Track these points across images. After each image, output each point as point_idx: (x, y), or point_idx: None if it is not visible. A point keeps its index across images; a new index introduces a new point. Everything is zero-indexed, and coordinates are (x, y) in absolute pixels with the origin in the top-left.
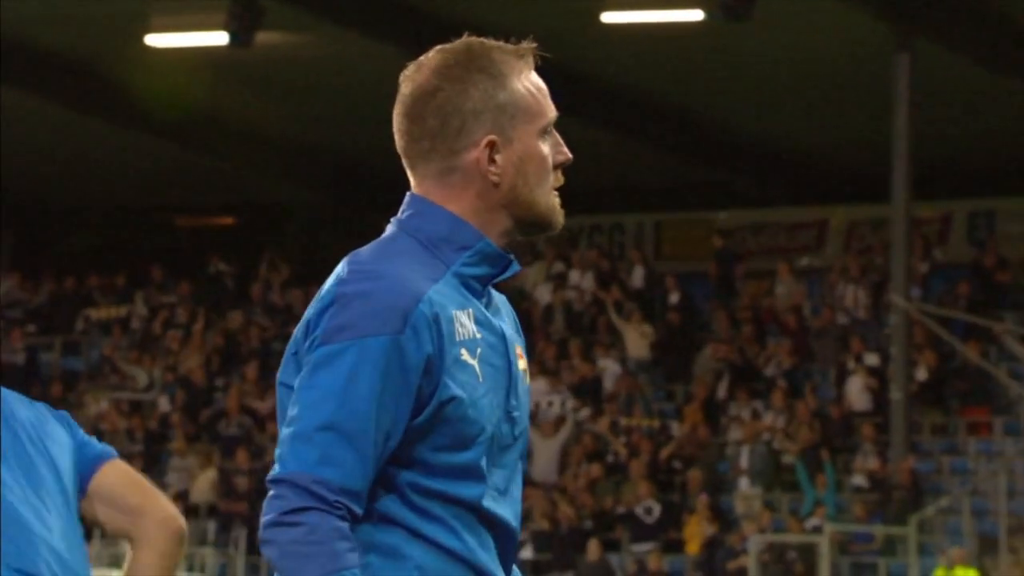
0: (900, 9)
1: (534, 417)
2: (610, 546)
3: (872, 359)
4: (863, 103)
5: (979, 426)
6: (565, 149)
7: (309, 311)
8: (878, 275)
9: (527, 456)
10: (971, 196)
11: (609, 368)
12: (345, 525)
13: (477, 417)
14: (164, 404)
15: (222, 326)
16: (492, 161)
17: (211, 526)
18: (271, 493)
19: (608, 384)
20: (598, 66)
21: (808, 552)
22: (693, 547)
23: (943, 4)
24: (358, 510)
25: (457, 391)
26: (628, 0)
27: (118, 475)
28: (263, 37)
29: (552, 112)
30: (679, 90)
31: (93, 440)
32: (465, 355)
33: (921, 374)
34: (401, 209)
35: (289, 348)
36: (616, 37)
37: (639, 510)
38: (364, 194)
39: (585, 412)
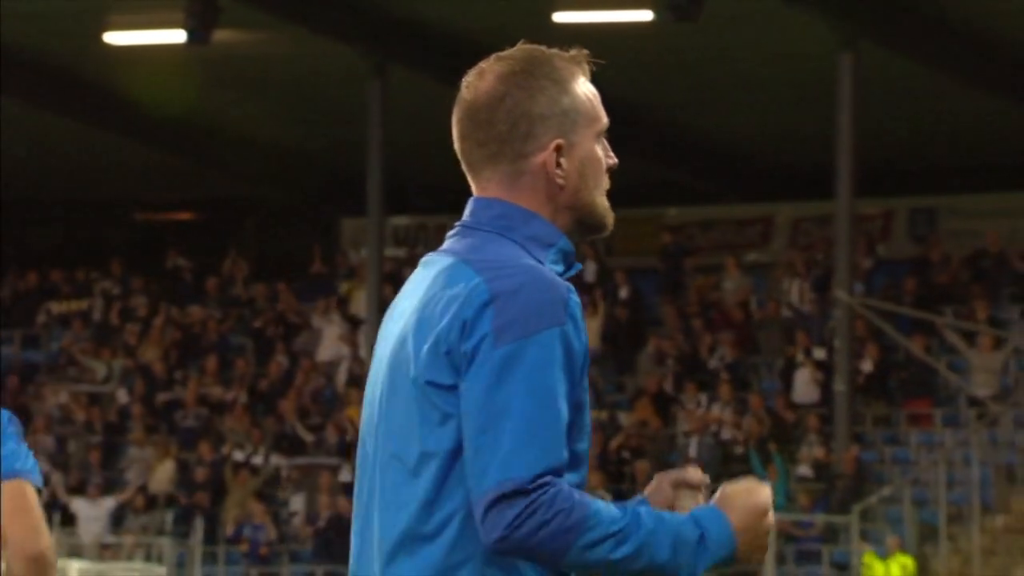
0: (844, 10)
1: None
2: None
3: (820, 353)
4: (808, 102)
5: (920, 418)
6: (612, 154)
7: (457, 310)
8: (822, 270)
9: None
10: (913, 194)
11: None
12: (575, 495)
13: (587, 405)
14: (123, 396)
15: (180, 319)
16: (558, 164)
17: (169, 516)
18: (509, 505)
19: None
20: None
21: None
22: None
23: (886, 6)
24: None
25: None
26: (579, 0)
27: (8, 496)
28: (221, 35)
29: (605, 118)
30: (629, 89)
31: (20, 454)
32: None
33: (866, 366)
34: (470, 212)
35: (434, 347)
36: (567, 36)
37: None
38: (321, 189)
39: None
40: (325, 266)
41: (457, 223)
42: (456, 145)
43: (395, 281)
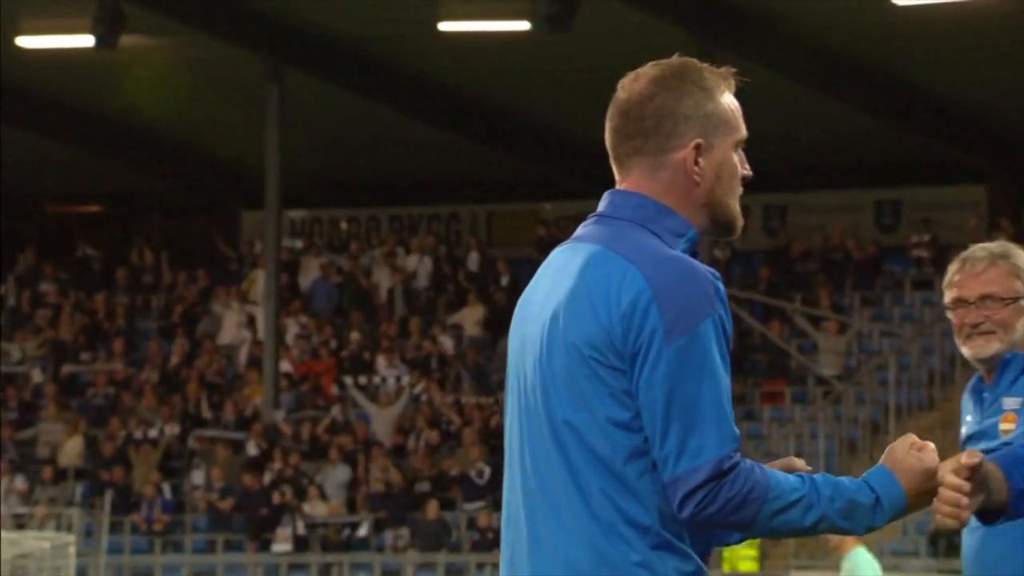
0: (701, 20)
1: (376, 390)
2: (446, 505)
3: None
4: None
5: (774, 395)
6: (748, 166)
7: (619, 303)
8: None
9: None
10: (766, 191)
11: (446, 344)
12: (756, 469)
13: None
14: (37, 376)
15: (89, 305)
16: (696, 162)
17: (79, 488)
18: (702, 484)
19: (444, 359)
20: (436, 70)
21: None
22: None
23: (739, 16)
24: None
25: None
26: (463, 10)
27: None
28: (127, 40)
29: (744, 130)
30: (509, 93)
31: None
32: None
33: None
34: (609, 203)
35: (599, 333)
36: (452, 44)
37: (472, 472)
38: (223, 185)
39: (422, 385)
40: (226, 256)
41: (597, 212)
42: (607, 138)
43: (291, 269)
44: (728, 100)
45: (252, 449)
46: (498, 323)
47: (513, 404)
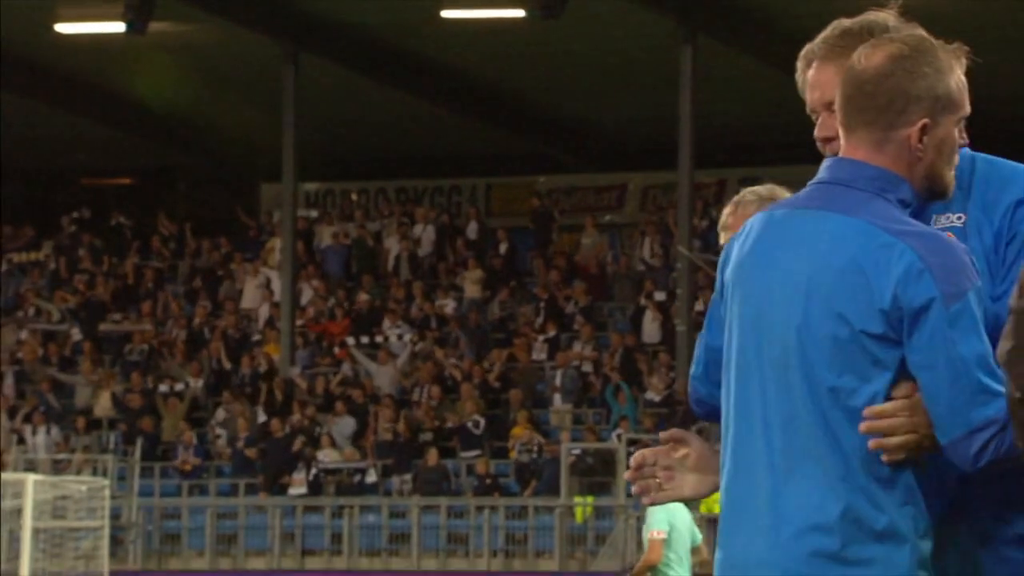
0: (684, 9)
1: (381, 348)
2: (447, 453)
3: (660, 295)
4: (655, 87)
5: None
6: (965, 136)
7: (891, 274)
8: (667, 230)
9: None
10: (742, 165)
11: (448, 306)
12: (1004, 414)
13: None
14: (75, 334)
15: (121, 270)
16: (920, 140)
17: (113, 436)
18: (980, 436)
19: (446, 320)
20: (439, 53)
21: (609, 457)
22: (514, 453)
23: (721, 5)
24: None
25: None
26: None
27: None
28: (155, 26)
29: (968, 107)
30: (506, 74)
31: None
32: None
33: (700, 308)
34: (842, 170)
35: (867, 302)
36: (454, 29)
37: (469, 424)
38: (243, 159)
39: (425, 344)
40: (246, 225)
41: (826, 179)
42: (837, 103)
43: (306, 237)
44: (956, 80)
45: (271, 402)
46: (495, 287)
47: (751, 361)
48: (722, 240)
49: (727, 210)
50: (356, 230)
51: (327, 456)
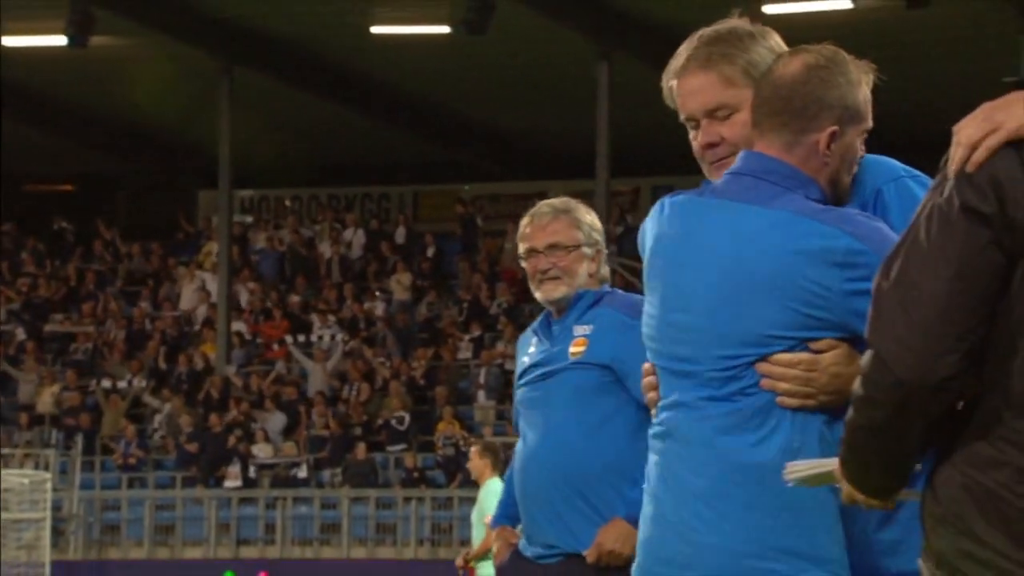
0: (601, 27)
1: (314, 347)
2: (374, 447)
3: None
4: (574, 100)
5: None
6: (863, 148)
7: (830, 260)
8: None
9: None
10: (656, 174)
11: (377, 307)
12: None
13: None
14: (20, 334)
15: (63, 273)
16: (828, 146)
17: (55, 432)
18: None
19: (375, 321)
20: (370, 67)
21: None
22: (439, 447)
23: (635, 24)
24: None
25: None
26: (392, 16)
27: None
28: (97, 40)
29: (870, 121)
30: (433, 87)
31: None
32: None
33: None
34: (757, 163)
35: (802, 286)
36: (383, 44)
37: (393, 420)
38: (179, 167)
39: (355, 343)
40: (184, 230)
41: (742, 171)
42: (752, 106)
43: (241, 242)
44: (864, 93)
45: (208, 399)
46: (422, 289)
47: (669, 340)
48: (521, 250)
49: (524, 221)
50: (290, 235)
51: (261, 451)
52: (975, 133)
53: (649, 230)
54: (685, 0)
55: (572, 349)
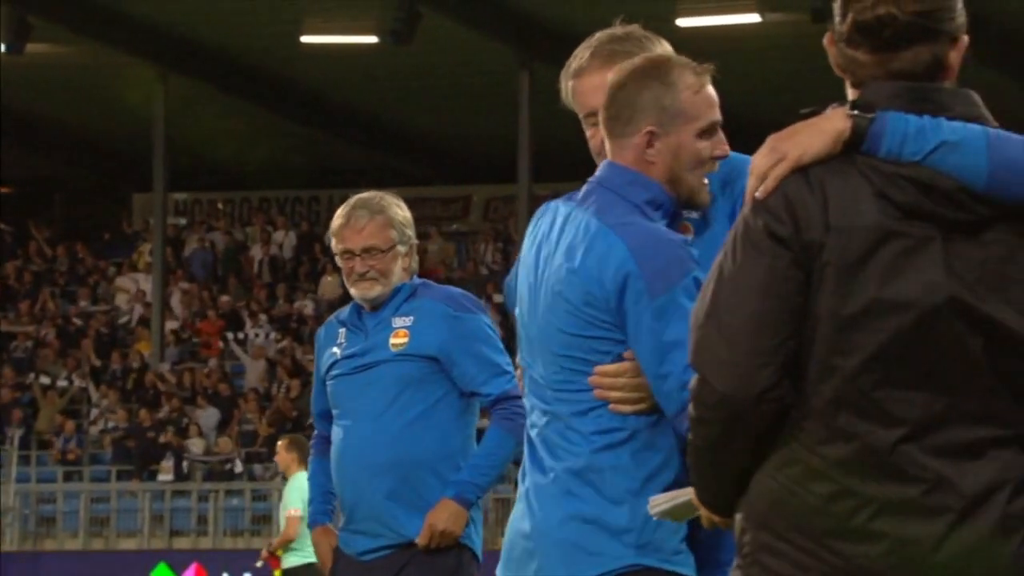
0: (522, 38)
1: (248, 345)
2: None
3: (498, 298)
4: (497, 107)
5: None
6: (722, 147)
7: (604, 267)
8: (508, 238)
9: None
10: (576, 179)
11: (307, 307)
12: None
13: None
14: None
15: (2, 272)
16: (650, 146)
17: None
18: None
19: (305, 320)
20: (299, 74)
21: None
22: None
23: (554, 35)
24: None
25: None
26: (321, 26)
27: None
28: (33, 47)
29: (708, 119)
30: (361, 95)
31: None
32: None
33: None
34: (602, 171)
35: (572, 300)
36: (312, 53)
37: None
38: (116, 171)
39: (287, 342)
40: (119, 232)
41: (593, 179)
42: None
43: (175, 244)
44: (693, 93)
45: (142, 396)
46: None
47: (524, 343)
48: (336, 248)
49: (339, 220)
50: (222, 237)
51: (195, 445)
52: (764, 164)
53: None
54: (604, 12)
55: (393, 341)
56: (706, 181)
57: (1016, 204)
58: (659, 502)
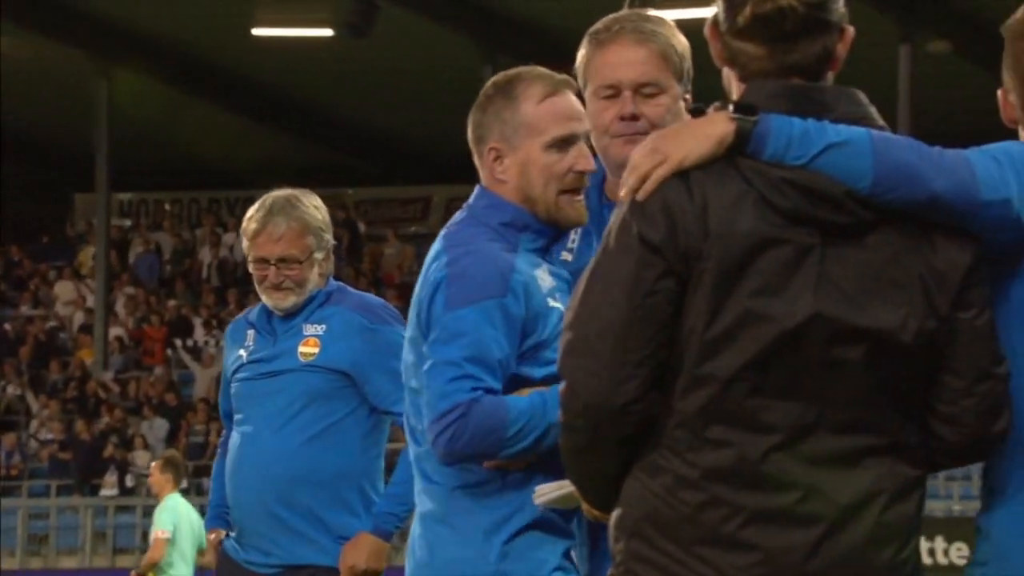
0: (483, 32)
1: (199, 352)
2: None
3: None
4: (459, 104)
5: None
6: (583, 160)
7: (424, 280)
8: None
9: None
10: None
11: None
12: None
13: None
14: None
15: None
16: (498, 162)
17: None
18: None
19: None
20: (250, 69)
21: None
22: None
23: (515, 30)
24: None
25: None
26: (274, 18)
27: None
28: None
29: (559, 131)
30: (316, 90)
31: None
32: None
33: None
34: (472, 199)
35: (415, 308)
36: (264, 46)
37: None
38: (57, 170)
39: None
40: (60, 234)
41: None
42: None
43: (119, 246)
44: (530, 107)
45: (84, 406)
46: None
47: None
48: (249, 254)
49: (253, 224)
50: (169, 239)
51: (140, 459)
52: (646, 164)
53: None
54: (569, 5)
55: (303, 349)
56: (579, 198)
57: (901, 206)
58: (545, 492)
